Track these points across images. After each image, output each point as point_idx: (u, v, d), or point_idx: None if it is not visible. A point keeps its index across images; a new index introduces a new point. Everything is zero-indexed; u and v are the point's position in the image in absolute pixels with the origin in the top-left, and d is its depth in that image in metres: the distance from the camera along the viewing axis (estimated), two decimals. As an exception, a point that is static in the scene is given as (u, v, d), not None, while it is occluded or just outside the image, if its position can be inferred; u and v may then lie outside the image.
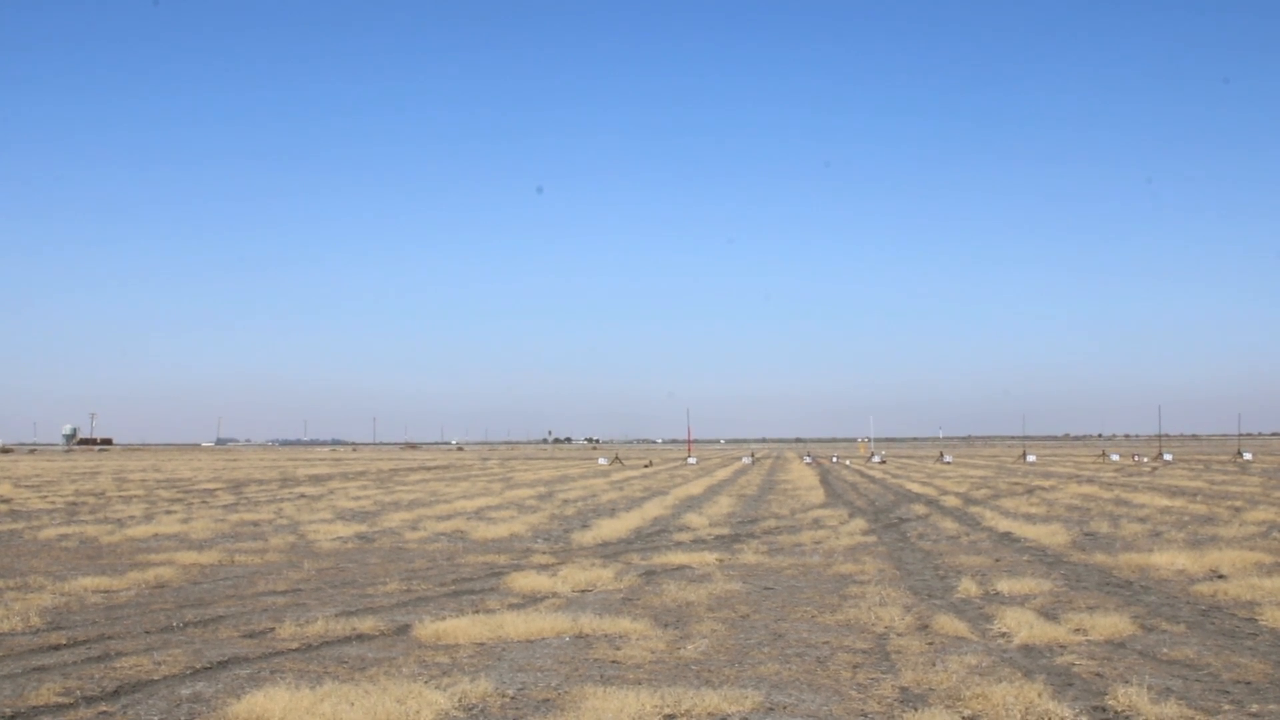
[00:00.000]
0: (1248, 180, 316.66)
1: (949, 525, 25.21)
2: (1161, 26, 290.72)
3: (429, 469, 78.49)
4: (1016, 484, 46.33)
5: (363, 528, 25.45)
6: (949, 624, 11.95)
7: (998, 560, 18.21)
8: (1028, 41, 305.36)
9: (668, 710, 8.46)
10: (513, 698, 8.97)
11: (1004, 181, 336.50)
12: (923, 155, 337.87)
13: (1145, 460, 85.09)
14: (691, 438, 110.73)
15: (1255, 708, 8.42)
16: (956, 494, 38.49)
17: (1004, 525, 24.58)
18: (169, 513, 31.15)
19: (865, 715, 8.37)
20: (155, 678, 9.73)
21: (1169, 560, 17.21)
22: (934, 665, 9.97)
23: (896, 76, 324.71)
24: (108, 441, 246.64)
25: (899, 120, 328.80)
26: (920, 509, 31.02)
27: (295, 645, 11.21)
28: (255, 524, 26.86)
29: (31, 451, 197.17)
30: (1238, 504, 31.23)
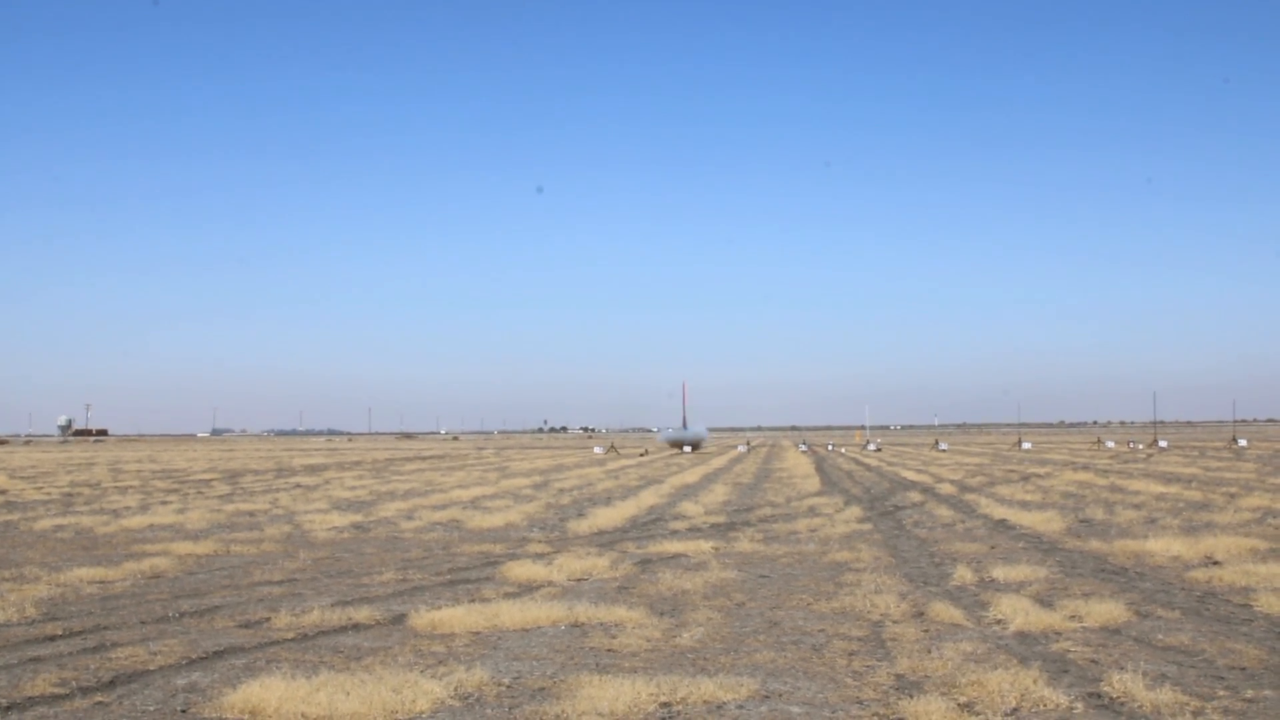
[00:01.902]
0: (1242, 170, 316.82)
1: (944, 513, 25.24)
2: (1162, 23, 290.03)
3: (424, 459, 78.49)
4: (1011, 471, 46.41)
5: (358, 517, 25.45)
6: (944, 611, 11.97)
7: (993, 547, 18.24)
8: (1024, 36, 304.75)
9: (664, 699, 8.47)
10: (508, 686, 8.98)
11: (1000, 171, 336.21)
12: (920, 147, 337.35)
13: (1140, 447, 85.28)
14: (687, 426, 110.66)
15: (1250, 693, 8.44)
16: (952, 481, 38.55)
17: (999, 512, 24.62)
18: (164, 503, 31.13)
19: (860, 703, 8.38)
20: (151, 668, 9.72)
21: (1164, 547, 17.25)
22: (929, 653, 9.99)
23: (894, 73, 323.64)
24: (103, 432, 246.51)
25: (896, 111, 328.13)
26: (916, 496, 31.06)
27: (291, 635, 11.21)
28: (251, 514, 26.85)
29: (27, 442, 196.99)
30: (1232, 490, 31.30)
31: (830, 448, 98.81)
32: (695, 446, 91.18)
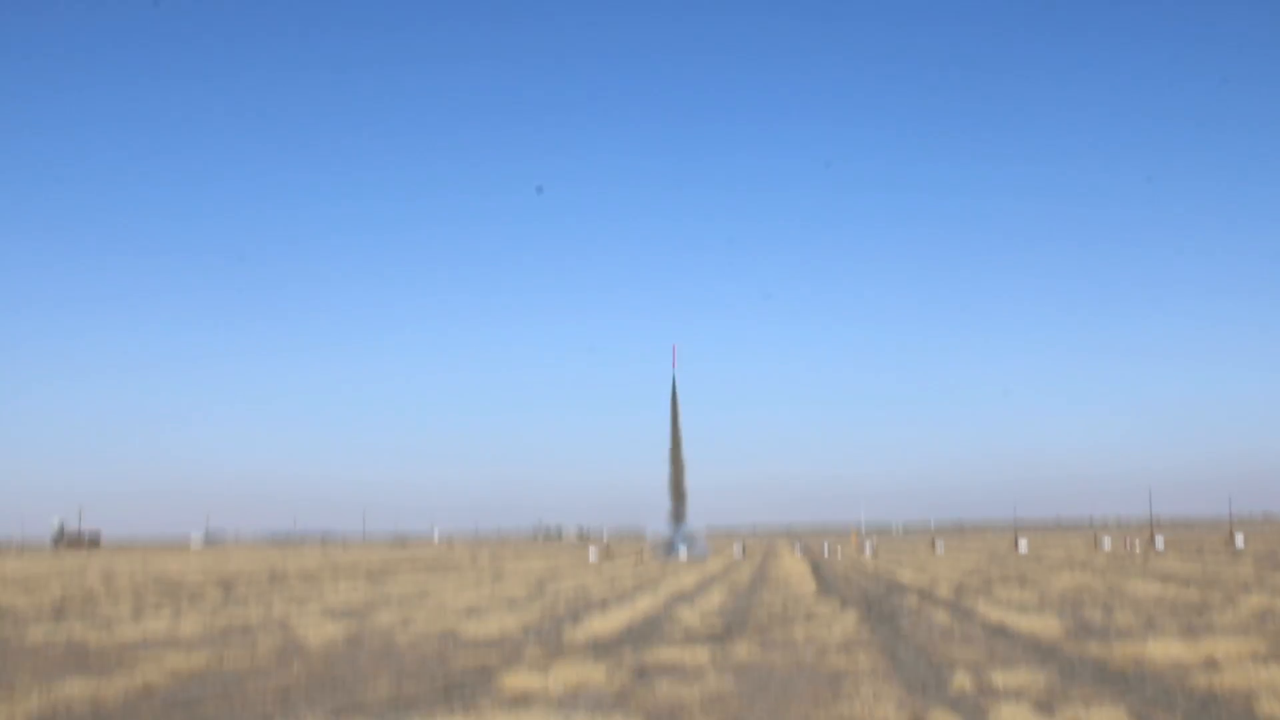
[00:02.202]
0: (1243, 257, 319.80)
1: (942, 617, 25.09)
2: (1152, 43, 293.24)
3: (419, 565, 77.76)
4: (1009, 573, 46.11)
5: (353, 626, 25.21)
6: None
7: (991, 652, 18.14)
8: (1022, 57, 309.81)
9: (663, 811, 8.42)
10: (506, 801, 8.91)
11: (996, 263, 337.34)
12: (912, 238, 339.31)
13: (1137, 546, 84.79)
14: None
15: (1250, 801, 8.41)
16: (949, 583, 38.31)
17: (997, 615, 24.48)
18: (157, 613, 30.81)
19: (861, 814, 8.33)
20: (145, 785, 9.63)
21: (1164, 649, 17.18)
22: (929, 761, 9.93)
23: (893, 79, 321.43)
24: (95, 540, 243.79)
25: (896, 203, 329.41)
26: (913, 600, 30.86)
27: (286, 749, 11.11)
28: (244, 623, 26.58)
29: (20, 552, 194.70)
30: (1231, 590, 31.16)
31: (826, 550, 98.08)
32: (691, 548, 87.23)
